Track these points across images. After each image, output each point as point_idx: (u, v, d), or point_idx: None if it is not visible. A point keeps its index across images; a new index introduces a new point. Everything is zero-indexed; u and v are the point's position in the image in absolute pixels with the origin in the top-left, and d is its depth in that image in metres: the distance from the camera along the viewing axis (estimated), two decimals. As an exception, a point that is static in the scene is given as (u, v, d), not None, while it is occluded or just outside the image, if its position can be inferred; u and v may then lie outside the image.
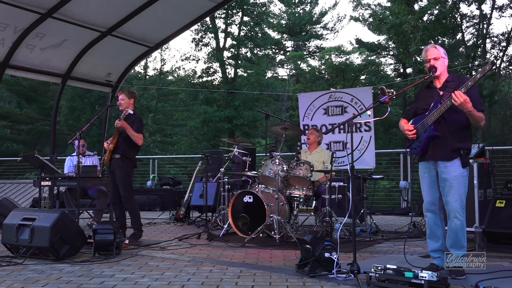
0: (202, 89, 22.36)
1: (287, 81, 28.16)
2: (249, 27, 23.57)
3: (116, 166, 5.46)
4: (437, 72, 3.69)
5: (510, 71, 22.02)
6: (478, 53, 20.01)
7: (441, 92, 3.66)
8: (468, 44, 20.83)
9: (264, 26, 24.93)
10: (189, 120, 22.99)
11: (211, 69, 23.53)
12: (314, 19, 29.20)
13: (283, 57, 30.30)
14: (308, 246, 3.70)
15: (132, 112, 5.55)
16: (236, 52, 23.45)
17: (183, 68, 37.46)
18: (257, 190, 5.70)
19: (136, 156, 5.68)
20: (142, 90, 26.85)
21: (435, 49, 3.73)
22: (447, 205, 3.58)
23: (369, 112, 3.78)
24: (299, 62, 27.15)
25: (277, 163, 5.51)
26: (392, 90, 19.76)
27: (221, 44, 23.50)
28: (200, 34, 23.17)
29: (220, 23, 23.44)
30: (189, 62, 50.67)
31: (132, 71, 13.37)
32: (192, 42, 23.34)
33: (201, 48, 23.61)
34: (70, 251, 4.41)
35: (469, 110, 3.42)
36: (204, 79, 23.68)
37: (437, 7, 19.66)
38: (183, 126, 25.07)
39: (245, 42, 23.51)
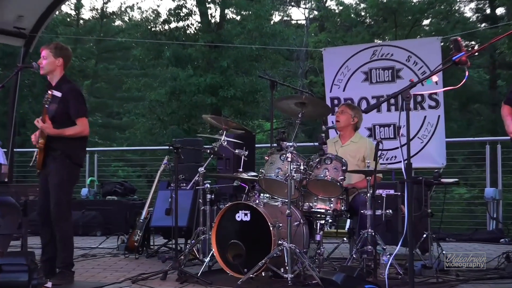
0: (168, 41, 22.32)
1: (306, 28, 28.14)
2: None
3: (53, 168, 5.51)
4: None
5: None
6: None
7: None
8: None
9: None
10: (149, 91, 23.01)
11: (184, 10, 23.49)
12: None
13: (299, -10, 30.36)
14: (338, 291, 3.72)
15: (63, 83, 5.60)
16: (223, -18, 23.45)
17: (139, 9, 37.34)
18: (257, 202, 5.71)
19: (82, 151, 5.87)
20: (74, 44, 26.84)
21: None
22: None
23: (435, 78, 3.85)
24: (324, -1, 27.19)
25: (290, 159, 5.51)
26: (472, 42, 19.72)
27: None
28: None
29: None
30: (149, -1, 50.66)
31: (57, 12, 13.32)
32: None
33: (167, -24, 23.64)
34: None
35: None
36: (173, 25, 23.68)
37: None
38: (139, 101, 25.12)
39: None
